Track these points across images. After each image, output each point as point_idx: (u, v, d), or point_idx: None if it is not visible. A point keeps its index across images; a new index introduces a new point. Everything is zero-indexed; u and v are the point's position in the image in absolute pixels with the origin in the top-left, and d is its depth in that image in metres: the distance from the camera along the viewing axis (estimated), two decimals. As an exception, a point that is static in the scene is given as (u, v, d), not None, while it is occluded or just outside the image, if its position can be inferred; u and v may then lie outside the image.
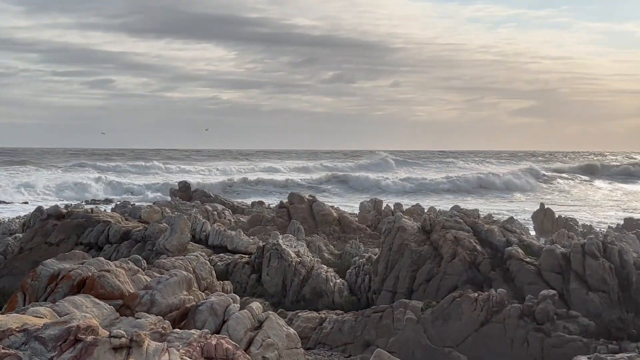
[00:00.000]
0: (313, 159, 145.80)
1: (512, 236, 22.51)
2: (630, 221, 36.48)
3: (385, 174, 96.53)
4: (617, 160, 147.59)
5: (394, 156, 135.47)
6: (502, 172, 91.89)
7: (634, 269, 19.94)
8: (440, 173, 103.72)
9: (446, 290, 19.95)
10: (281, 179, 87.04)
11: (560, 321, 17.66)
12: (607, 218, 50.18)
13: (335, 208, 37.67)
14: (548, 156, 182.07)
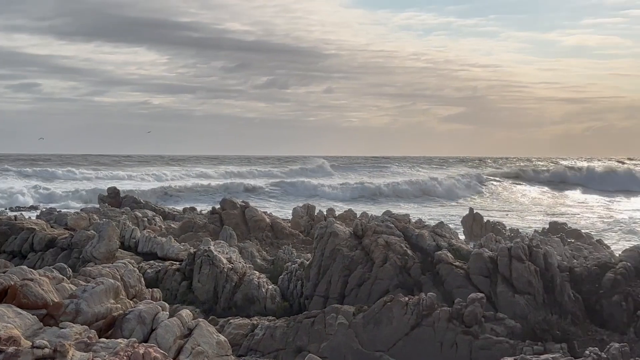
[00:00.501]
0: (247, 164, 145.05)
1: (442, 240, 22.88)
2: (555, 225, 37.58)
3: (324, 180, 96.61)
4: (544, 166, 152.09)
5: (329, 161, 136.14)
6: (443, 177, 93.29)
7: (558, 272, 20.56)
8: (378, 178, 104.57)
9: (378, 295, 20.10)
10: (215, 185, 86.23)
11: (488, 323, 18.04)
12: (535, 222, 51.61)
13: (268, 214, 37.52)
14: (477, 162, 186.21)
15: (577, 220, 54.83)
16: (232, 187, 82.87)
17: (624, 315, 19.20)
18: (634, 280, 20.37)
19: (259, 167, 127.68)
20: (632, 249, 22.03)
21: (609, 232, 47.75)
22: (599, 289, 20.17)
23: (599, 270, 20.78)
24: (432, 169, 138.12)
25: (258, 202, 67.53)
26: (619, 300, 19.51)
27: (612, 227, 50.91)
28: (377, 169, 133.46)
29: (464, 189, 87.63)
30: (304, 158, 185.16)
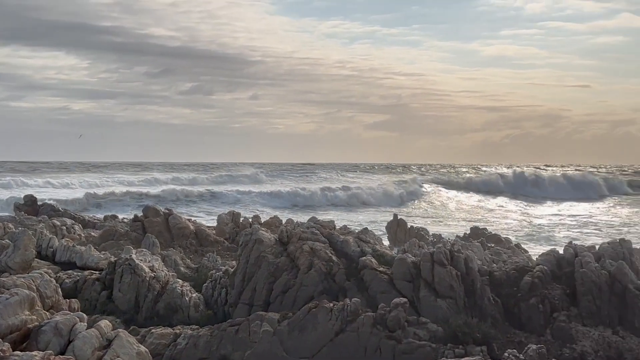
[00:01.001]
0: (171, 171, 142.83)
1: (367, 246, 23.06)
2: (476, 230, 38.45)
3: (255, 187, 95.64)
4: (468, 173, 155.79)
5: (255, 168, 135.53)
6: (377, 184, 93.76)
7: (479, 276, 21.01)
8: (309, 184, 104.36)
9: (303, 301, 20.07)
10: (137, 192, 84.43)
11: (411, 328, 18.27)
12: (457, 227, 52.67)
13: (192, 221, 37.00)
14: (402, 169, 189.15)
15: (498, 226, 56.38)
16: (156, 194, 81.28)
17: (540, 318, 19.79)
18: (550, 284, 21.01)
19: (183, 173, 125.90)
20: (548, 253, 22.74)
21: (527, 236, 49.26)
22: (517, 292, 20.71)
23: (517, 274, 21.34)
24: (362, 175, 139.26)
25: (184, 209, 66.45)
26: (536, 303, 20.09)
27: (531, 232, 52.55)
28: (305, 176, 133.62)
29: (400, 195, 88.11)
30: (233, 165, 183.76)
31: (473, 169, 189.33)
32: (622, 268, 20.74)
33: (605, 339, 18.91)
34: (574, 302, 20.50)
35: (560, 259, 22.16)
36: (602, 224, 60.28)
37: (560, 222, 62.62)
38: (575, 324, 19.53)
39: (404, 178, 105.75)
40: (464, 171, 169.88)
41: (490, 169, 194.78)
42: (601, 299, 20.23)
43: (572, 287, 20.86)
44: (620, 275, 20.53)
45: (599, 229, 54.90)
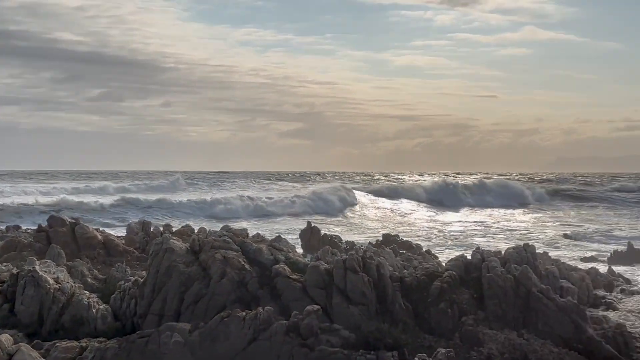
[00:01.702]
0: (78, 179, 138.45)
1: (280, 254, 22.97)
2: (388, 237, 38.97)
3: (171, 195, 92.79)
4: (382, 180, 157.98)
5: (167, 176, 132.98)
6: (304, 193, 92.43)
7: (390, 282, 21.28)
8: (228, 192, 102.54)
9: (215, 311, 19.76)
10: (42, 202, 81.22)
11: (324, 335, 18.31)
12: (374, 234, 53.25)
13: (100, 231, 35.90)
14: (315, 177, 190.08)
15: (416, 233, 57.46)
16: (63, 203, 78.27)
17: (449, 322, 20.22)
18: (458, 288, 21.51)
19: (92, 182, 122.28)
20: (456, 259, 23.29)
21: (438, 242, 50.32)
22: (427, 298, 21.09)
23: (427, 280, 21.74)
24: (279, 183, 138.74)
25: (93, 218, 64.34)
26: (445, 308, 20.52)
27: (442, 238, 53.71)
28: (219, 184, 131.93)
29: (333, 204, 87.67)
30: (145, 173, 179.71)
31: (383, 176, 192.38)
32: (526, 272, 21.47)
33: (510, 341, 19.49)
34: (481, 306, 21.07)
35: (468, 264, 22.74)
36: (514, 230, 62.41)
37: (474, 228, 64.46)
38: (483, 328, 20.05)
39: (327, 186, 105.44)
40: (379, 179, 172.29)
41: (405, 176, 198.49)
42: (507, 302, 20.88)
43: (480, 292, 21.44)
44: (524, 279, 21.25)
45: (510, 235, 56.76)
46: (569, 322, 20.14)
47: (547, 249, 42.77)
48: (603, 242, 52.78)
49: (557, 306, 20.45)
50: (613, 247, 45.42)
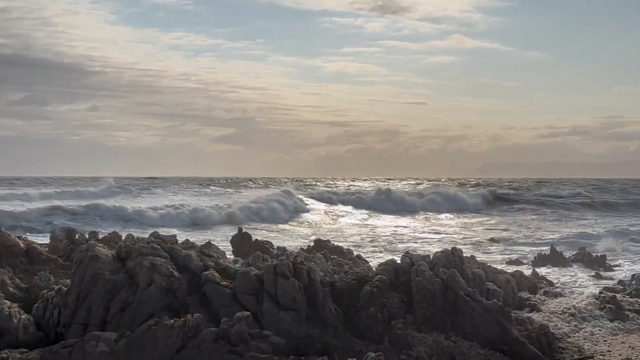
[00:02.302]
0: (0, 185, 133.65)
1: (210, 260, 22.68)
2: (320, 242, 39.03)
3: (106, 201, 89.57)
4: (317, 186, 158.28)
5: (94, 181, 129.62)
6: (251, 200, 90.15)
7: (321, 287, 21.31)
8: (163, 198, 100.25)
9: (142, 319, 19.35)
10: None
11: (254, 341, 18.18)
12: (307, 239, 53.21)
13: (22, 238, 34.69)
14: (247, 182, 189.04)
15: (346, 237, 57.76)
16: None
17: (379, 326, 20.38)
18: (388, 292, 21.71)
19: (16, 188, 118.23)
20: (386, 263, 23.52)
21: (370, 247, 50.74)
22: (358, 302, 21.20)
23: (357, 284, 21.86)
24: (214, 189, 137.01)
25: (20, 226, 61.97)
26: (375, 312, 20.68)
27: (376, 243, 54.17)
28: (150, 190, 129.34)
29: (276, 210, 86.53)
30: (70, 179, 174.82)
31: (315, 181, 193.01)
32: (454, 276, 21.85)
33: (438, 344, 19.79)
34: (411, 310, 21.32)
35: (397, 268, 22.99)
36: (446, 234, 63.54)
37: (409, 233, 65.38)
38: (412, 331, 20.30)
39: (268, 192, 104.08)
40: (315, 184, 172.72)
41: (338, 182, 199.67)
42: (435, 305, 21.20)
43: (409, 295, 21.70)
44: (452, 282, 21.62)
45: (442, 239, 57.77)
46: (495, 324, 20.59)
47: (475, 252, 43.76)
48: (528, 245, 54.21)
49: (483, 308, 20.88)
50: (537, 251, 46.79)
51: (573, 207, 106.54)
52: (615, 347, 21.54)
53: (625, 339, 22.54)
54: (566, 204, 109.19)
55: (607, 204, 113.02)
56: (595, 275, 36.92)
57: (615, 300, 25.91)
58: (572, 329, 23.43)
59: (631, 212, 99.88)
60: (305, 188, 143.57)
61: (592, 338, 22.59)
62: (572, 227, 73.07)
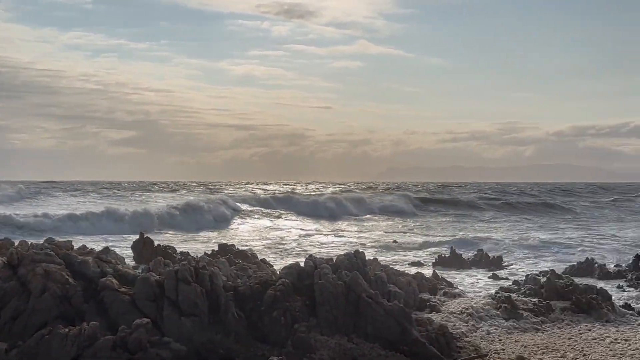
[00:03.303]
0: None
1: (108, 266, 22.01)
2: (224, 247, 38.66)
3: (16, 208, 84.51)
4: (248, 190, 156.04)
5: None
6: (175, 204, 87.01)
7: (223, 292, 21.06)
8: (62, 203, 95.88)
9: (35, 328, 18.55)
10: None
11: (154, 349, 17.75)
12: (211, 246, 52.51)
13: None
14: (152, 186, 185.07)
15: (247, 241, 57.38)
16: None
17: (282, 330, 20.32)
18: (292, 296, 21.69)
19: None
20: (290, 267, 23.50)
21: (275, 251, 50.67)
22: (261, 306, 21.07)
23: (261, 288, 21.73)
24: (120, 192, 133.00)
25: None
26: (278, 316, 20.61)
27: (279, 246, 54.13)
28: (48, 194, 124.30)
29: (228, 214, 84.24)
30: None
31: (223, 186, 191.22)
32: (356, 278, 22.06)
33: (341, 346, 19.92)
34: (314, 313, 21.36)
35: (301, 271, 23.01)
36: (354, 237, 64.21)
37: (319, 236, 65.77)
38: (315, 334, 20.33)
39: (179, 197, 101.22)
40: (222, 189, 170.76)
41: (248, 186, 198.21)
42: (338, 308, 21.33)
43: (312, 299, 21.74)
44: (354, 285, 21.81)
45: (351, 242, 58.35)
46: (396, 325, 20.91)
47: (379, 255, 44.46)
48: (430, 246, 55.53)
49: (384, 310, 21.17)
50: (439, 252, 48.05)
51: (476, 208, 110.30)
52: (509, 345, 22.29)
53: (520, 338, 23.37)
54: (471, 206, 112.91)
55: (507, 205, 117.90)
56: (492, 276, 38.25)
57: (510, 300, 26.86)
58: (469, 329, 24.08)
59: (529, 214, 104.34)
60: (213, 192, 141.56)
61: (488, 337, 23.29)
62: (472, 230, 75.52)
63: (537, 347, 22.07)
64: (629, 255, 46.23)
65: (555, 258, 48.90)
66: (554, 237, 62.05)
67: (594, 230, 72.75)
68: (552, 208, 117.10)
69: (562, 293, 28.59)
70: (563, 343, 22.69)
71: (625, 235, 65.12)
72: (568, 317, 26.41)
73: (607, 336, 23.54)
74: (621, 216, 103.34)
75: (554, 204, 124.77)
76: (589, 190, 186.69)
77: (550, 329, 24.83)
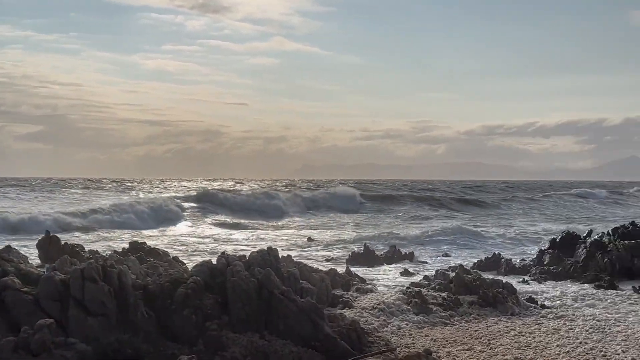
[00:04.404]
0: None
1: (9, 266, 21.13)
2: (135, 244, 37.79)
3: None
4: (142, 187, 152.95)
5: None
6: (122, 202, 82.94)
7: (132, 291, 20.58)
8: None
9: None
10: None
11: (58, 350, 17.15)
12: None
13: None
14: (62, 182, 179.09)
15: (160, 240, 56.36)
16: None
17: (193, 328, 20.05)
18: (203, 294, 21.42)
19: None
20: (202, 264, 23.20)
21: (196, 249, 49.98)
22: (172, 305, 20.72)
23: (171, 287, 21.36)
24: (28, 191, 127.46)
25: None
26: (189, 314, 20.31)
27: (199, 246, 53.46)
28: None
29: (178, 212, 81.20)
30: None
31: (137, 183, 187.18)
32: (269, 275, 21.99)
33: (253, 343, 19.83)
34: (226, 311, 21.17)
35: (213, 269, 22.76)
36: (271, 236, 63.95)
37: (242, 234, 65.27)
38: (227, 332, 20.17)
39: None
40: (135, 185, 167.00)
41: (166, 183, 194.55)
42: (250, 305, 21.22)
43: (224, 296, 21.54)
44: (267, 282, 21.75)
45: (267, 240, 58.14)
46: (308, 322, 20.97)
47: (292, 252, 44.56)
48: (345, 243, 55.95)
49: (297, 307, 21.20)
50: (353, 248, 48.60)
51: (391, 205, 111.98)
52: (418, 339, 22.73)
53: (429, 332, 23.87)
54: (388, 202, 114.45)
55: (420, 201, 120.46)
56: (404, 271, 38.96)
57: (420, 295, 27.41)
58: (381, 324, 24.43)
59: (441, 211, 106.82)
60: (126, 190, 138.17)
61: (399, 332, 23.69)
62: (387, 226, 76.74)
63: (446, 341, 22.63)
64: (534, 250, 48.02)
65: (465, 253, 50.37)
66: (465, 232, 63.76)
67: (502, 227, 75.29)
68: (466, 204, 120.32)
69: (470, 287, 29.41)
70: (471, 336, 23.35)
71: (532, 231, 67.68)
72: (475, 310, 27.21)
73: (512, 329, 24.38)
74: (529, 213, 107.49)
75: (470, 199, 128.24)
76: (500, 188, 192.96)
77: (458, 323, 25.50)
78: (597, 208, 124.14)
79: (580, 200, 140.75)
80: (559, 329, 24.51)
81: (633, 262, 37.74)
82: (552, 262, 40.44)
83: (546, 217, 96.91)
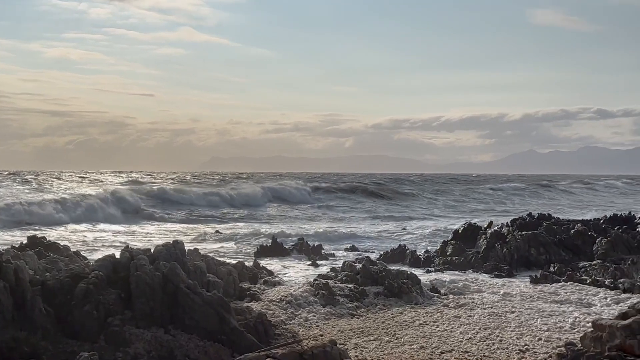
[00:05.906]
0: None
1: None
2: (34, 239, 36.28)
3: None
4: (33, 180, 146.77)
5: None
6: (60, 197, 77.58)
7: (29, 287, 19.80)
8: None
9: None
10: None
11: (-53, 350, 16.31)
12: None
13: None
14: None
15: (62, 234, 54.51)
16: None
17: (94, 324, 19.49)
18: (105, 289, 20.85)
19: None
20: (104, 259, 22.59)
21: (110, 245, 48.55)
22: (72, 301, 20.06)
23: (71, 282, 20.69)
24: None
25: None
26: (90, 310, 19.73)
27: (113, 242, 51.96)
28: None
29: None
30: None
31: (32, 176, 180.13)
32: (174, 269, 21.62)
33: (157, 339, 19.46)
34: (129, 306, 20.67)
35: (116, 263, 22.20)
36: (181, 230, 62.88)
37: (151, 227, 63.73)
38: (130, 327, 19.70)
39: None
40: (30, 179, 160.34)
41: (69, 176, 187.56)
42: (155, 300, 20.80)
43: (128, 291, 21.02)
44: (172, 275, 21.37)
45: (176, 233, 57.15)
46: (214, 315, 20.76)
47: (198, 245, 43.99)
48: (254, 236, 55.67)
49: (203, 300, 20.95)
50: (263, 241, 48.50)
51: (300, 200, 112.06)
52: (326, 330, 22.92)
53: (336, 323, 24.10)
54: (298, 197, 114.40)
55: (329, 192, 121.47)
56: (312, 263, 39.19)
57: (327, 287, 27.64)
58: (288, 316, 24.49)
59: (348, 204, 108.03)
60: (24, 183, 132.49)
61: (306, 324, 23.81)
62: (296, 220, 77.04)
63: (353, 332, 22.90)
64: (438, 242, 49.30)
65: (372, 245, 51.21)
66: (372, 224, 64.83)
67: (408, 219, 77.00)
68: (370, 196, 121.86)
69: (376, 278, 29.90)
70: (377, 327, 23.73)
71: (436, 224, 69.51)
72: (381, 301, 27.68)
73: (417, 319, 24.93)
74: (434, 205, 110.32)
75: (376, 192, 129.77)
76: (410, 180, 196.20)
77: (365, 314, 25.86)
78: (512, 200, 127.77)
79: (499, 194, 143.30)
80: (459, 316, 25.25)
81: (530, 252, 39.37)
82: (454, 252, 41.68)
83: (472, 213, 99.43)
